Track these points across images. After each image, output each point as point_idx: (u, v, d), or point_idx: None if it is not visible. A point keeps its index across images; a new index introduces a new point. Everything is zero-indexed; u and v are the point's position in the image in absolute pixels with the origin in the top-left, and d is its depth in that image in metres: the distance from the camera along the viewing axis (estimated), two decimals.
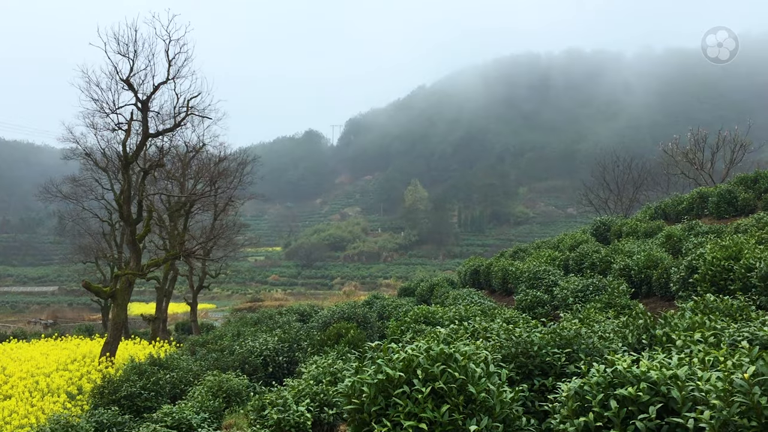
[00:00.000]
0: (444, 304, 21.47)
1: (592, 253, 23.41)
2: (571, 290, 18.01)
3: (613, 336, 9.59)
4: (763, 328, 6.02)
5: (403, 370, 6.25)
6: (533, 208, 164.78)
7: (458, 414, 5.86)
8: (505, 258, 31.75)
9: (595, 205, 59.92)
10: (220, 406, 14.11)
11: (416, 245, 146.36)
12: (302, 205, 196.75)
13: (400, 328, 14.97)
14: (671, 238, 22.10)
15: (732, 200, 28.20)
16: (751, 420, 4.13)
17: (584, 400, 5.31)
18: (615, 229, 29.49)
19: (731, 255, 15.14)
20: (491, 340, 8.64)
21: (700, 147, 47.02)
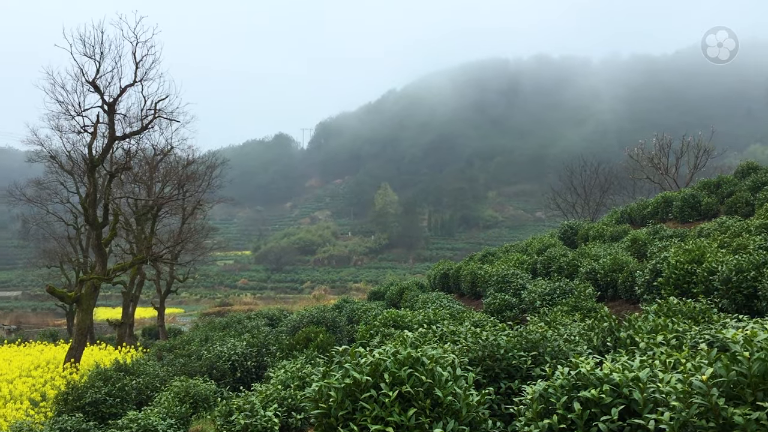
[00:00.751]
0: (413, 308, 21.52)
1: (559, 257, 23.67)
2: (539, 293, 18.18)
3: (578, 339, 9.70)
4: (722, 331, 6.14)
5: (371, 374, 6.26)
6: (502, 212, 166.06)
7: (425, 417, 5.89)
8: (474, 262, 31.93)
9: (562, 209, 60.61)
10: (187, 412, 13.97)
11: (386, 249, 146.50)
12: (272, 209, 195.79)
13: (370, 332, 14.96)
14: (636, 242, 22.45)
15: (695, 205, 28.74)
16: (709, 421, 4.22)
17: (549, 403, 5.37)
18: (582, 233, 29.85)
19: (694, 259, 15.43)
20: (459, 344, 8.68)
21: (665, 152, 47.86)
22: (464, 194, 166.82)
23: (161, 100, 27.72)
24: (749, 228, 19.63)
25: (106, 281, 27.54)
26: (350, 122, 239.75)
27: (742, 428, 3.99)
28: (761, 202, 24.44)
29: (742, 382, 4.27)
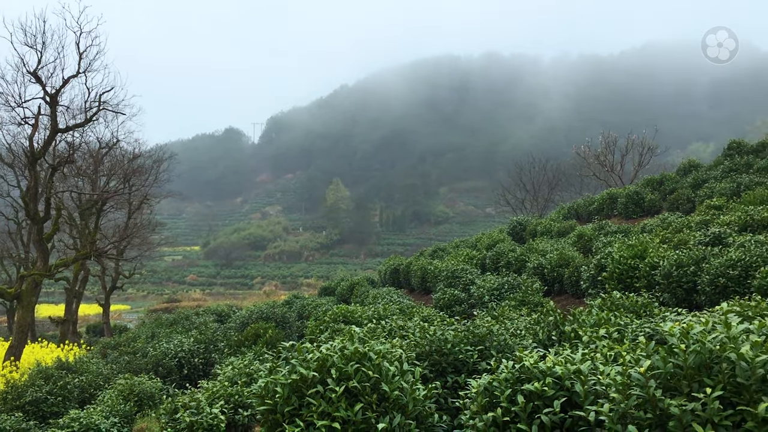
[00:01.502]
0: (364, 304, 21.54)
1: (508, 252, 23.97)
2: (488, 288, 18.38)
3: (525, 333, 9.85)
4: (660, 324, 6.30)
5: (318, 369, 6.22)
6: (453, 208, 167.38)
7: (371, 412, 5.88)
8: (424, 257, 32.11)
9: (512, 205, 61.41)
10: (131, 411, 13.70)
11: (338, 244, 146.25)
12: (222, 204, 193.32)
13: (319, 328, 14.91)
14: (582, 238, 22.88)
15: (639, 201, 29.45)
16: (647, 412, 4.31)
17: (493, 396, 5.42)
18: (530, 229, 30.28)
19: (637, 254, 15.81)
20: (407, 339, 8.71)
21: (611, 150, 48.91)
22: (416, 190, 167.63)
23: (106, 92, 27.13)
24: (690, 224, 20.20)
25: (47, 277, 26.82)
26: (302, 117, 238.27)
27: (679, 419, 4.09)
28: (701, 199, 25.19)
29: (679, 373, 4.38)
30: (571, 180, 61.06)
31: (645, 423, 4.31)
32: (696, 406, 4.08)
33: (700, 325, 4.64)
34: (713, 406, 3.99)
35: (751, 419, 3.97)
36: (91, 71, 25.98)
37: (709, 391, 4.05)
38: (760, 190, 21.88)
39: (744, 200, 21.27)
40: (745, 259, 12.72)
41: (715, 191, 25.00)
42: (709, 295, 12.76)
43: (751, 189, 22.93)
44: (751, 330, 4.60)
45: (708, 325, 4.59)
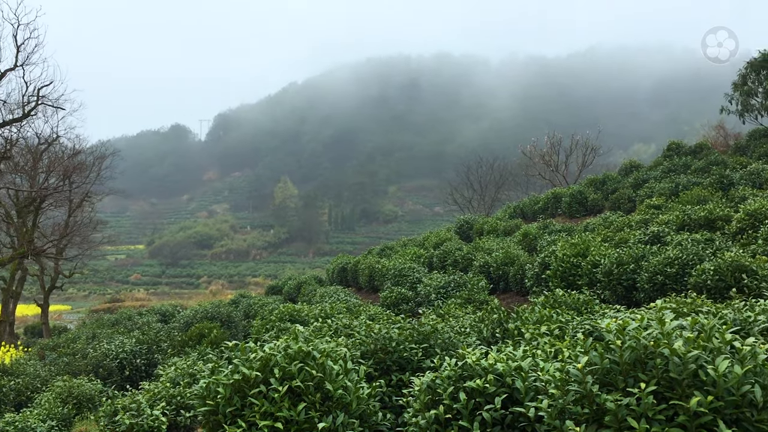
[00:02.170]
0: (311, 302, 21.44)
1: (454, 251, 24.18)
2: (434, 287, 18.51)
3: (469, 330, 9.94)
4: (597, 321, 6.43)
5: (261, 369, 6.16)
6: (402, 207, 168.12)
7: (315, 412, 5.85)
8: (372, 256, 32.15)
9: (459, 204, 61.95)
10: (69, 413, 13.32)
11: (286, 243, 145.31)
12: (168, 202, 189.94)
13: (265, 327, 14.78)
14: (527, 236, 23.24)
15: (582, 200, 30.06)
16: (584, 407, 4.39)
17: (436, 394, 5.44)
18: (477, 228, 30.60)
19: (580, 252, 16.12)
20: (353, 338, 8.70)
21: (556, 150, 49.81)
22: (365, 189, 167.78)
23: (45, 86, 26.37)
24: (630, 223, 20.71)
25: None
26: (250, 114, 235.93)
27: (614, 413, 4.18)
28: (642, 199, 25.85)
29: (615, 369, 4.47)
30: (518, 179, 61.93)
31: (582, 418, 4.39)
32: (631, 401, 4.17)
33: (635, 321, 4.75)
34: (647, 400, 4.09)
35: (683, 413, 4.08)
36: (30, 64, 25.25)
37: (644, 386, 4.14)
38: (697, 190, 22.57)
39: (682, 200, 21.92)
40: (682, 257, 13.10)
41: (655, 191, 25.68)
42: (647, 293, 13.10)
43: (689, 189, 23.64)
44: (684, 326, 4.73)
45: (643, 322, 4.70)
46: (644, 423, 4.05)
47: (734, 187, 23.11)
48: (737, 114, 31.91)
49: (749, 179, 23.66)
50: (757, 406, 4.10)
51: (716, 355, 4.25)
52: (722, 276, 11.55)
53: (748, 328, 6.93)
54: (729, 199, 20.86)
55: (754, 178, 23.57)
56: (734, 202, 20.15)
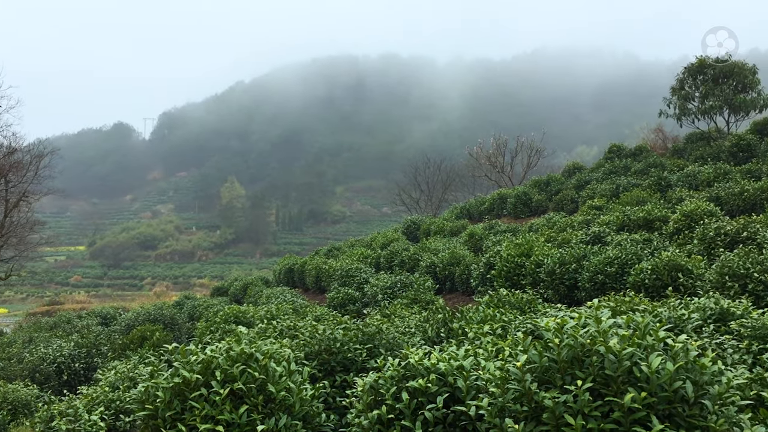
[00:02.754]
0: (257, 304, 21.24)
1: (401, 251, 24.28)
2: (381, 287, 18.54)
3: (414, 330, 9.99)
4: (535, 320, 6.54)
5: (202, 372, 6.06)
6: (350, 207, 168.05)
7: (257, 414, 5.79)
8: (319, 256, 32.02)
9: (407, 205, 62.23)
10: (4, 420, 12.87)
11: (233, 244, 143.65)
12: (110, 202, 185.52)
13: (210, 329, 14.57)
14: (473, 237, 23.49)
15: (527, 201, 30.54)
16: (524, 405, 4.45)
17: (379, 394, 5.45)
18: (424, 228, 30.79)
19: (524, 252, 16.37)
20: (298, 339, 8.65)
21: (502, 151, 50.48)
22: (313, 189, 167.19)
23: None
24: (573, 223, 21.14)
25: None
26: (196, 113, 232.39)
27: (552, 411, 4.25)
28: (584, 200, 26.41)
29: (553, 367, 4.55)
30: (465, 180, 62.50)
31: (521, 416, 4.45)
32: (568, 398, 4.25)
33: (574, 320, 4.84)
34: (584, 397, 4.17)
35: (618, 409, 4.17)
36: None
37: (580, 383, 4.22)
38: (636, 191, 23.18)
39: (622, 201, 22.47)
40: (622, 257, 13.43)
41: (597, 192, 26.27)
42: (588, 292, 13.39)
43: (629, 190, 24.25)
44: (620, 324, 4.84)
45: (581, 321, 4.79)
46: (581, 419, 4.13)
47: (672, 188, 23.82)
48: (675, 118, 32.86)
49: (686, 181, 24.41)
50: (688, 402, 4.22)
51: (650, 353, 4.36)
52: (659, 275, 11.88)
53: (682, 325, 7.15)
54: (667, 201, 21.49)
55: (691, 180, 24.33)
56: (671, 203, 20.77)
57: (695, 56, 32.62)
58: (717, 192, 20.12)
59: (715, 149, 28.16)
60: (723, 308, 7.81)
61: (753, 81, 31.03)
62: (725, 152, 27.33)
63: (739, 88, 31.14)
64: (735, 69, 31.08)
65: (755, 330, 6.98)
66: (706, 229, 14.27)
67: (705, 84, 31.59)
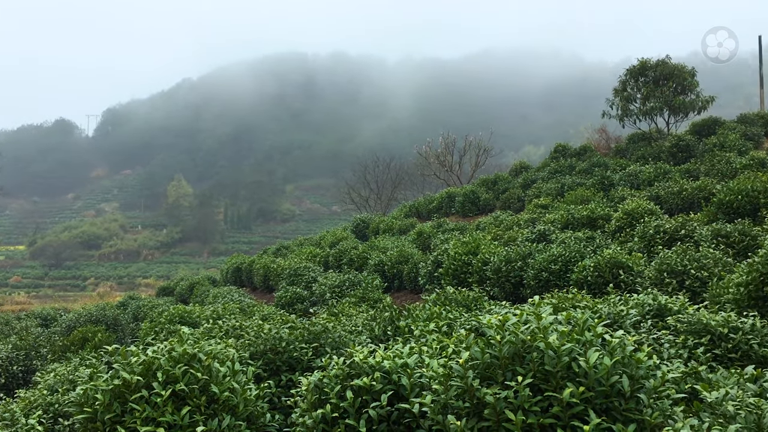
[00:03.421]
0: (203, 303, 20.96)
1: (350, 250, 24.25)
2: (329, 286, 18.50)
3: (362, 329, 9.99)
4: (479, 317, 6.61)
5: (143, 373, 5.95)
6: (300, 206, 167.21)
7: (199, 415, 5.71)
8: (267, 255, 31.77)
9: (356, 204, 62.16)
10: None
11: (180, 243, 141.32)
12: (51, 201, 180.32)
13: (154, 330, 14.31)
14: (422, 235, 23.62)
15: (475, 200, 30.85)
16: (466, 401, 4.50)
17: (323, 393, 5.44)
18: (373, 227, 30.83)
19: (471, 250, 16.54)
20: (243, 338, 8.57)
21: (450, 150, 50.85)
22: (262, 187, 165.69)
23: None
24: (519, 222, 21.45)
25: None
26: (142, 110, 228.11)
27: (493, 406, 4.31)
28: (530, 198, 26.82)
29: (495, 363, 4.61)
30: (414, 179, 62.76)
31: (463, 412, 4.50)
32: (509, 394, 4.31)
33: (515, 317, 4.91)
34: (524, 393, 4.24)
35: (557, 404, 4.25)
36: None
37: (521, 379, 4.29)
38: (580, 190, 23.65)
39: (567, 200, 22.90)
40: (565, 255, 13.69)
41: (542, 191, 26.70)
42: (533, 289, 13.60)
43: (573, 189, 24.72)
44: (560, 321, 4.93)
45: (522, 317, 4.87)
46: (521, 415, 4.19)
47: (614, 187, 24.37)
48: (617, 118, 33.63)
49: (628, 180, 25.02)
50: (624, 396, 4.33)
51: (588, 348, 4.46)
52: (601, 272, 12.15)
53: (621, 321, 7.32)
54: (609, 199, 21.98)
55: (632, 179, 24.95)
56: (614, 202, 21.25)
57: (637, 59, 33.47)
58: (657, 191, 20.67)
59: (656, 149, 28.93)
60: (661, 304, 8.04)
61: (692, 83, 31.98)
62: (665, 152, 28.10)
63: (678, 90, 32.04)
64: (675, 71, 31.99)
65: (691, 325, 7.19)
66: (646, 227, 14.66)
67: (646, 86, 32.42)
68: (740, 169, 20.85)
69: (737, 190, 15.45)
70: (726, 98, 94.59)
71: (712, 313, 7.43)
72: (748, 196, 15.20)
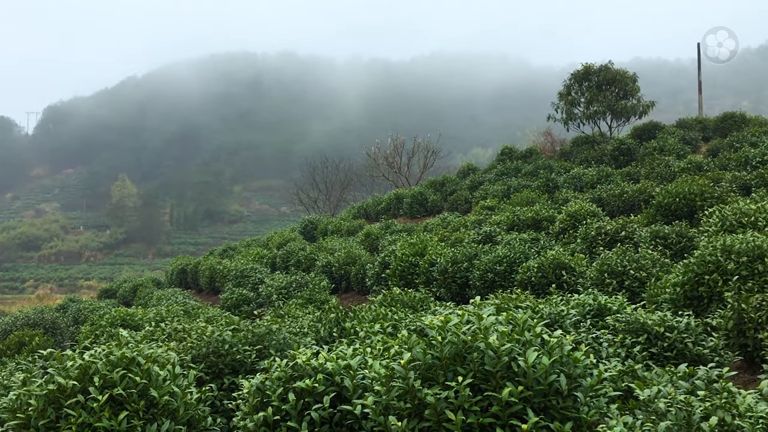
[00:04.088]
0: (147, 306, 20.58)
1: (298, 251, 24.15)
2: (276, 287, 18.38)
3: (307, 330, 9.95)
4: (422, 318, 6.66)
5: (79, 378, 5.80)
6: (248, 207, 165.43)
7: (138, 420, 5.60)
8: (214, 256, 31.38)
9: (305, 204, 61.85)
10: None
11: (123, 244, 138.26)
12: None
13: (95, 333, 13.98)
14: (370, 236, 23.66)
15: (423, 201, 31.07)
16: (407, 402, 4.52)
17: (265, 395, 5.39)
18: (321, 228, 30.74)
19: (418, 252, 16.64)
20: (186, 341, 8.44)
21: (399, 152, 51.05)
22: (209, 188, 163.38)
23: None
24: (466, 223, 21.68)
25: None
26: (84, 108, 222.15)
27: (434, 407, 4.33)
28: (477, 200, 27.12)
29: (436, 364, 4.64)
30: (363, 180, 62.77)
31: (405, 413, 4.52)
32: (449, 394, 4.34)
33: (457, 317, 4.95)
34: (464, 393, 4.28)
35: (496, 403, 4.30)
36: None
37: (461, 379, 4.33)
38: (526, 192, 24.04)
39: (513, 201, 23.25)
40: (510, 256, 13.89)
41: (489, 193, 27.03)
42: (479, 290, 13.75)
43: (519, 191, 25.11)
44: (501, 321, 5.00)
45: (464, 318, 4.91)
46: (461, 415, 4.23)
47: (559, 189, 24.85)
48: (562, 122, 34.33)
49: (572, 183, 25.54)
50: (562, 394, 4.41)
51: (527, 348, 4.53)
52: (545, 273, 12.37)
53: (561, 321, 7.46)
54: (554, 201, 22.40)
55: (576, 181, 25.48)
56: (558, 203, 21.67)
57: (581, 64, 34.20)
58: (599, 193, 21.16)
59: (599, 152, 29.60)
60: (600, 304, 8.23)
61: (633, 88, 32.87)
62: (608, 155, 28.78)
63: (620, 94, 32.89)
64: (617, 77, 32.82)
65: (629, 324, 7.38)
66: (589, 228, 14.98)
67: (590, 90, 33.17)
68: (678, 173, 21.51)
69: (675, 193, 15.93)
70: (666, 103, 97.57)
71: (650, 312, 7.64)
72: (685, 198, 15.68)
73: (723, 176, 19.19)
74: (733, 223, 11.78)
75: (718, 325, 8.05)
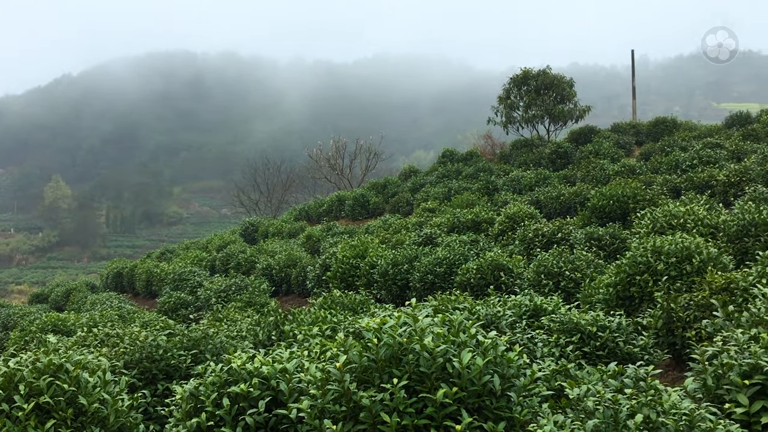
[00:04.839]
0: (80, 310, 20.00)
1: (238, 254, 23.85)
2: (215, 290, 18.10)
3: (246, 334, 9.82)
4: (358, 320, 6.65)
5: (3, 386, 5.59)
6: (187, 209, 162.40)
7: (66, 429, 5.42)
8: (151, 259, 30.72)
9: (246, 206, 61.20)
10: None
11: (57, 247, 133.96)
12: None
13: (24, 339, 13.50)
14: (311, 239, 23.56)
15: (365, 203, 31.10)
16: (342, 405, 4.50)
17: (199, 401, 5.29)
18: (262, 230, 30.45)
19: (359, 254, 16.63)
20: (119, 347, 8.22)
21: (341, 154, 51.00)
22: (148, 189, 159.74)
23: None
24: (407, 225, 21.79)
25: None
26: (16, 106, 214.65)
27: (369, 409, 4.33)
28: (418, 202, 27.29)
29: (372, 366, 4.64)
30: (305, 182, 62.45)
31: (340, 416, 4.50)
32: (385, 397, 4.34)
33: (393, 319, 4.95)
34: (399, 395, 4.28)
35: (431, 405, 4.32)
36: None
37: (396, 381, 4.33)
38: (466, 194, 24.31)
39: (453, 203, 23.48)
40: (450, 257, 14.01)
41: (430, 195, 27.24)
42: (419, 291, 13.82)
43: (460, 193, 25.38)
44: (437, 322, 5.02)
45: (400, 320, 4.92)
46: (396, 417, 4.24)
47: (498, 192, 25.23)
48: (502, 125, 34.90)
49: (511, 185, 25.97)
50: (495, 394, 4.46)
51: (462, 349, 4.57)
52: (483, 274, 12.52)
53: (497, 322, 7.56)
54: (494, 203, 22.72)
55: (515, 184, 25.91)
56: (497, 206, 21.99)
57: (520, 68, 34.82)
58: (537, 196, 21.56)
59: (537, 155, 30.18)
60: (536, 305, 8.37)
61: (570, 93, 33.66)
62: (546, 158, 29.37)
63: (558, 99, 33.63)
64: (555, 81, 33.54)
65: (563, 324, 7.53)
66: (527, 230, 15.25)
67: (528, 94, 33.81)
68: (613, 176, 22.11)
69: (609, 196, 16.36)
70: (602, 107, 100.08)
71: (583, 312, 7.81)
72: (618, 201, 16.12)
73: (655, 179, 19.83)
74: (663, 225, 12.16)
75: (649, 324, 8.29)
